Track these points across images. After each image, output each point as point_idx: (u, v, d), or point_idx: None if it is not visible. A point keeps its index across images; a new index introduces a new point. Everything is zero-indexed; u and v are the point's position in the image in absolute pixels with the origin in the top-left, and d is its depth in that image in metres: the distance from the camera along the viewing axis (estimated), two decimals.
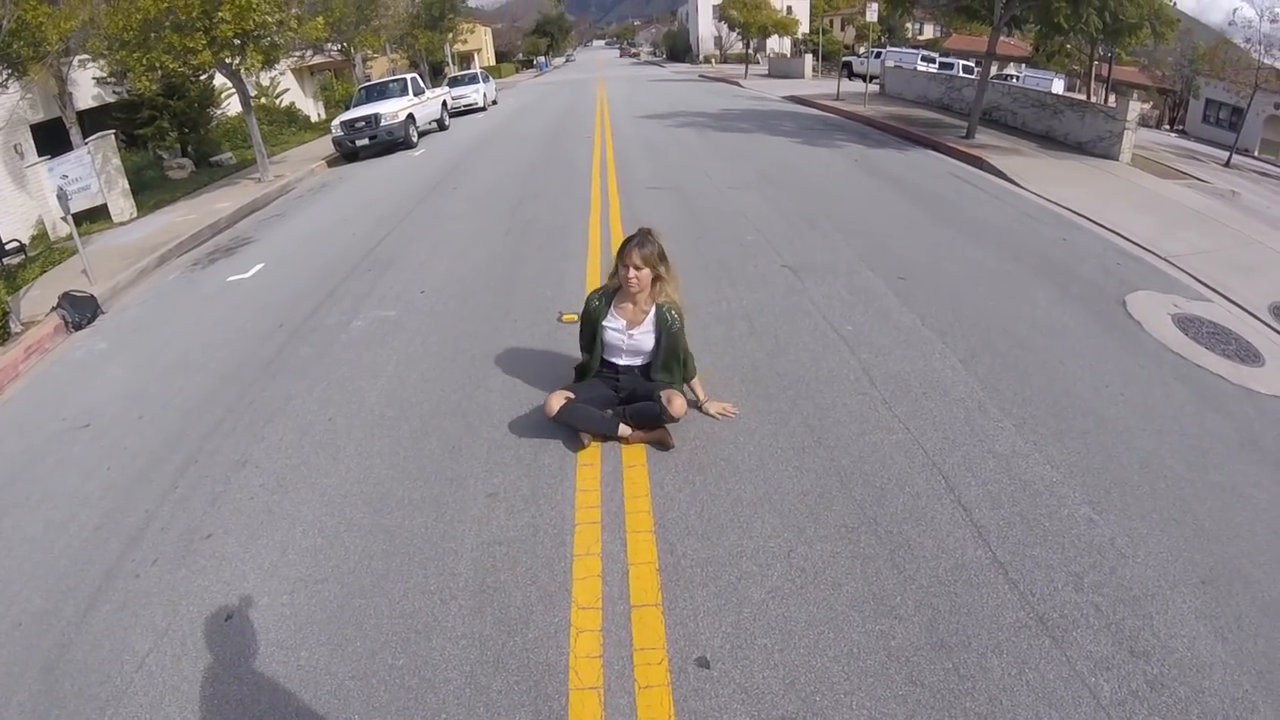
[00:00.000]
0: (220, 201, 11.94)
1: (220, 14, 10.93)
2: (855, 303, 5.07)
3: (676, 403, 3.32)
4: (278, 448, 3.97)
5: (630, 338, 3.50)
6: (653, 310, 3.47)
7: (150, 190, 13.44)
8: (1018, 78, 25.56)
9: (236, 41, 11.61)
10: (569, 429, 3.58)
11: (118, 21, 10.73)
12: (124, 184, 11.96)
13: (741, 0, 34.56)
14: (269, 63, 12.75)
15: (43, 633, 2.88)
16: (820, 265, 5.85)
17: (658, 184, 9.32)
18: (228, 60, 12.01)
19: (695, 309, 5.06)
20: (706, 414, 3.72)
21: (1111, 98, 15.07)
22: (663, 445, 3.48)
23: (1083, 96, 17.22)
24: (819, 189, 8.65)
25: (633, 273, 3.30)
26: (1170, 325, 4.79)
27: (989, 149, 10.53)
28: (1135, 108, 10.12)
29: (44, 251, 10.56)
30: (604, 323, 3.53)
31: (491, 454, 3.63)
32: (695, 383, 3.76)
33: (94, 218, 11.56)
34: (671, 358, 3.52)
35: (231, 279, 7.73)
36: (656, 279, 3.39)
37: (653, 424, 3.44)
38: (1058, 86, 21.61)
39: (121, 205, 11.79)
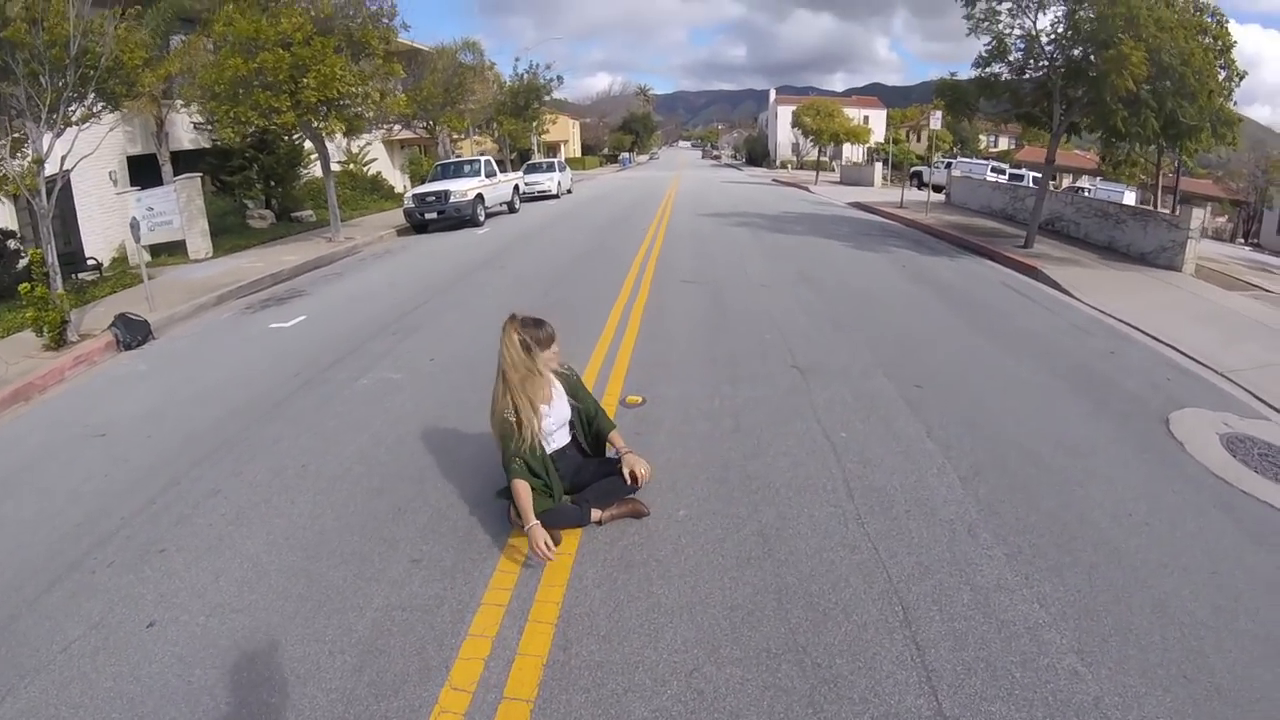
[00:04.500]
0: (288, 254, 12.71)
1: (306, 80, 11.93)
2: (858, 408, 4.82)
3: (640, 470, 3.34)
4: (249, 484, 4.19)
5: (552, 411, 3.41)
6: (552, 378, 3.45)
7: (229, 235, 14.50)
8: (1089, 190, 25.13)
9: (320, 107, 12.59)
10: (506, 513, 3.48)
11: (210, 74, 11.87)
12: (204, 224, 12.94)
13: (815, 108, 35.65)
14: (352, 130, 13.75)
15: (3, 602, 3.22)
16: (832, 368, 5.64)
17: (693, 278, 9.36)
18: (312, 123, 13.01)
19: (685, 404, 4.99)
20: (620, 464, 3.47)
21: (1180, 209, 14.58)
22: (638, 515, 3.46)
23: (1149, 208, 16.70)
24: (855, 292, 8.50)
25: (555, 348, 3.37)
26: (1217, 445, 4.30)
27: (1045, 259, 10.23)
28: (1198, 215, 9.74)
29: (119, 274, 11.39)
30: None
31: (432, 522, 3.62)
32: (614, 435, 3.60)
33: (172, 251, 12.53)
34: (589, 415, 3.53)
35: (273, 326, 8.16)
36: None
37: (618, 498, 3.40)
38: (1129, 199, 21.04)
39: (199, 244, 12.72)
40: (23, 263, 9.75)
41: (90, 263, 11.75)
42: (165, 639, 2.86)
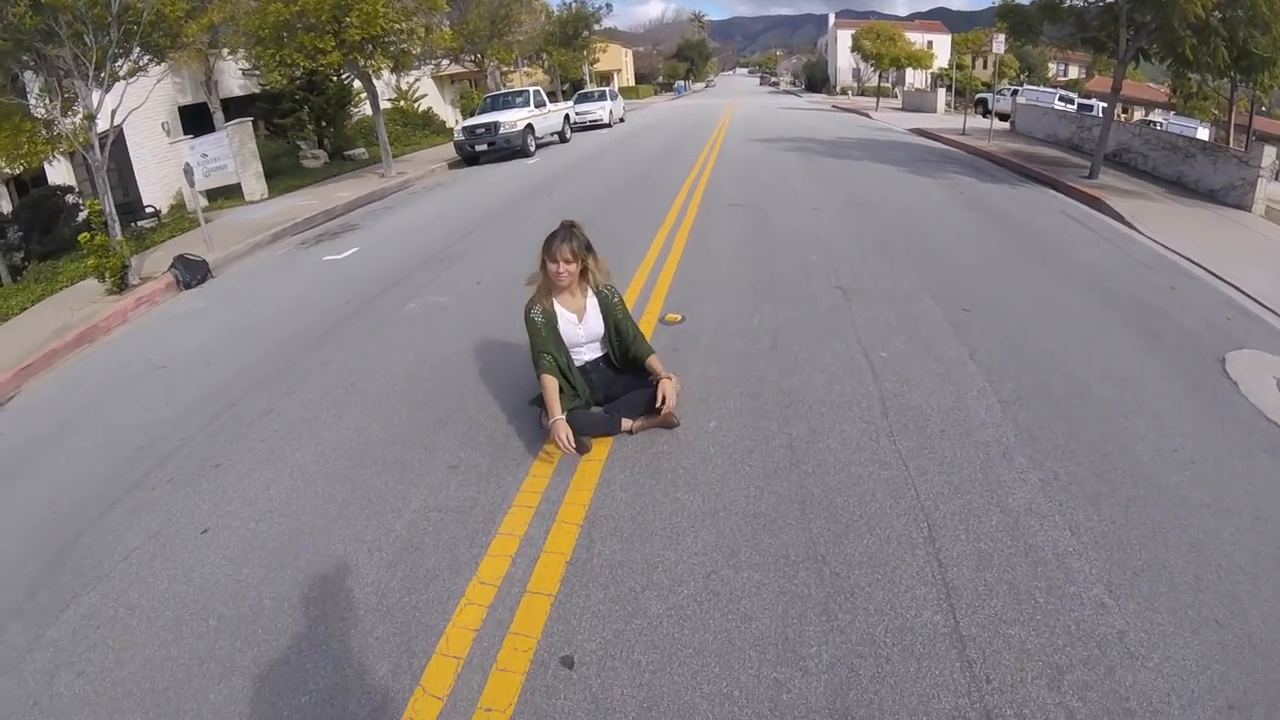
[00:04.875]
0: (341, 191, 12.94)
1: (349, 19, 11.88)
2: (901, 330, 4.69)
3: (669, 395, 3.34)
4: (300, 403, 4.39)
5: (583, 325, 3.47)
6: (591, 295, 3.49)
7: (284, 176, 14.81)
8: (1162, 124, 23.27)
9: (365, 45, 12.55)
10: (538, 420, 3.57)
11: (253, 20, 11.92)
12: (258, 167, 13.24)
13: (875, 33, 33.74)
14: (398, 67, 13.68)
15: (69, 523, 3.47)
16: (876, 290, 5.47)
17: (740, 202, 9.14)
18: (358, 62, 13.00)
19: (723, 322, 4.96)
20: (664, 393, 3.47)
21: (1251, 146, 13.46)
22: (668, 426, 3.52)
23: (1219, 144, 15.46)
24: (906, 217, 8.15)
25: (562, 266, 3.30)
26: (1274, 389, 4.03)
27: (1109, 190, 9.62)
28: (1270, 153, 8.97)
29: (176, 220, 11.84)
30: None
31: (470, 431, 3.76)
32: (653, 360, 3.54)
33: (228, 195, 12.90)
34: (627, 338, 3.52)
35: (327, 259, 8.39)
36: (584, 270, 3.41)
37: (649, 409, 3.43)
38: (1202, 135, 19.43)
39: (254, 186, 13.04)
40: (82, 215, 10.16)
41: (149, 210, 12.22)
42: (217, 544, 3.07)
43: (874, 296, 5.34)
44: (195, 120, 14.36)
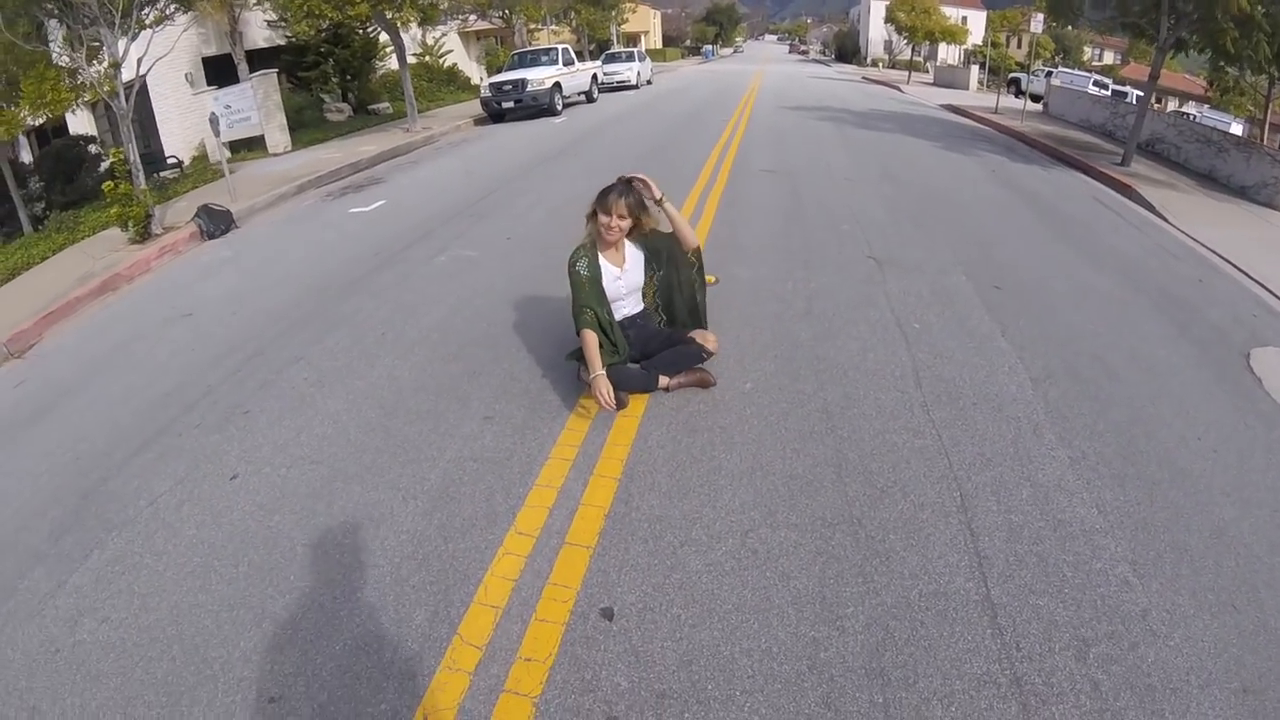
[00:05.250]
0: (366, 145, 12.83)
1: None
2: (933, 302, 4.65)
3: (710, 337, 3.42)
4: (330, 351, 4.38)
5: (624, 277, 3.42)
6: (631, 247, 3.44)
7: (307, 129, 14.69)
8: (1196, 116, 22.66)
9: None
10: (576, 374, 3.55)
11: None
12: (281, 119, 13.11)
13: (910, 4, 32.82)
14: (427, 20, 13.44)
15: (92, 468, 3.42)
16: (910, 262, 5.42)
17: (772, 168, 9.01)
18: (385, 13, 12.78)
19: (757, 285, 4.94)
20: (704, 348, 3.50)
21: None
22: (704, 385, 3.52)
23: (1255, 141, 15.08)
24: (940, 192, 8.03)
25: (615, 221, 3.23)
26: None
27: (1141, 179, 9.47)
28: None
29: (199, 171, 11.82)
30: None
31: (504, 383, 3.76)
32: (697, 333, 3.53)
33: (252, 147, 12.84)
34: (678, 290, 3.52)
35: (353, 211, 8.35)
36: (634, 226, 3.34)
37: (686, 367, 3.45)
38: (1236, 130, 18.92)
39: (277, 138, 12.95)
40: (104, 165, 10.11)
41: (171, 161, 12.18)
42: (247, 489, 3.03)
43: (907, 268, 5.29)
44: (219, 72, 14.26)
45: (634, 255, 3.44)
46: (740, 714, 1.94)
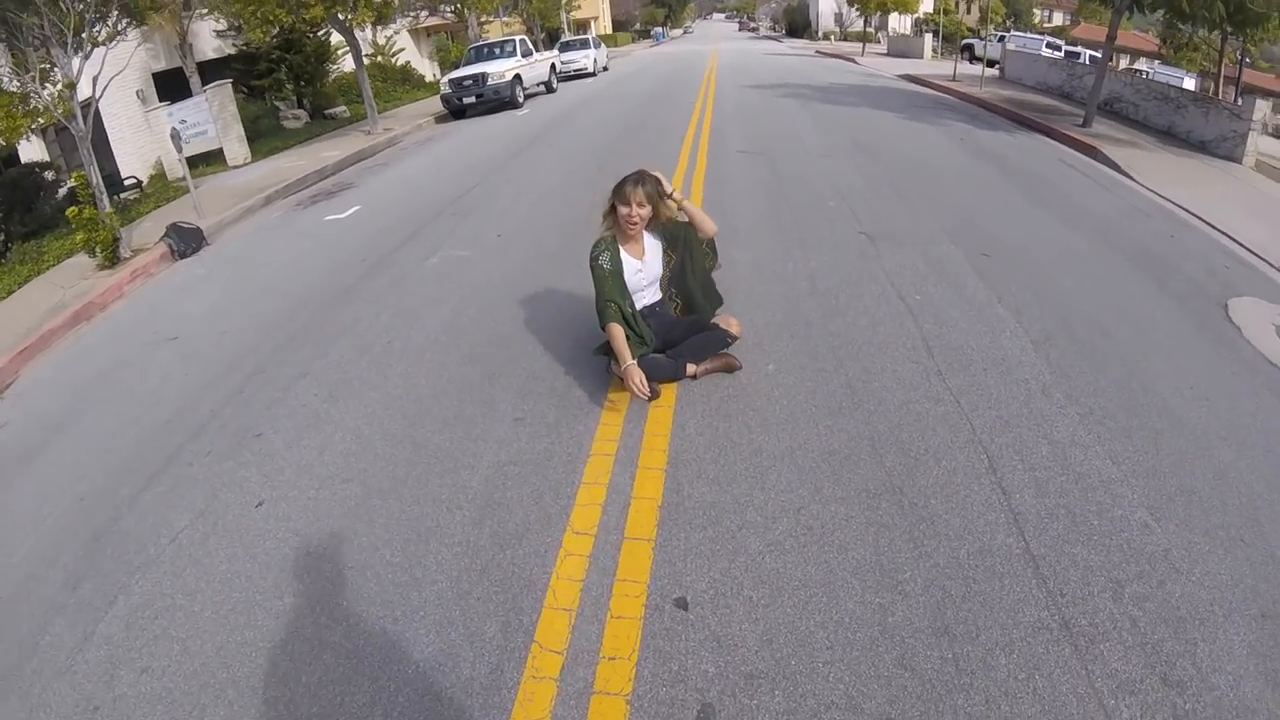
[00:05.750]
0: (329, 150, 12.57)
1: None
2: (929, 274, 4.77)
3: (734, 321, 3.50)
4: (336, 363, 4.29)
5: (644, 269, 3.44)
6: (649, 237, 3.45)
7: (265, 138, 14.31)
8: (1148, 73, 23.25)
9: None
10: (606, 368, 3.59)
11: None
12: (239, 130, 12.76)
13: None
14: (381, 19, 13.19)
15: (99, 507, 3.26)
16: (899, 235, 5.53)
17: (748, 148, 9.07)
18: (340, 15, 12.50)
19: (759, 267, 5.00)
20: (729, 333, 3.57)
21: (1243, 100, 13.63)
22: (730, 369, 3.58)
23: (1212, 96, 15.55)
24: (914, 162, 8.17)
25: (635, 210, 3.23)
26: (1274, 336, 4.22)
27: (1104, 139, 9.71)
28: (1262, 107, 9.12)
29: (159, 190, 11.46)
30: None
31: (527, 383, 3.74)
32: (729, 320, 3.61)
33: (210, 161, 12.48)
34: (692, 275, 3.51)
35: (328, 218, 8.19)
36: (654, 215, 3.35)
37: (711, 352, 3.50)
38: (1188, 85, 19.46)
39: (236, 150, 12.61)
40: (63, 191, 9.75)
41: (129, 181, 11.78)
42: (276, 515, 2.91)
43: (898, 241, 5.40)
44: (170, 87, 13.79)
45: (653, 246, 3.46)
46: (826, 684, 2.01)
